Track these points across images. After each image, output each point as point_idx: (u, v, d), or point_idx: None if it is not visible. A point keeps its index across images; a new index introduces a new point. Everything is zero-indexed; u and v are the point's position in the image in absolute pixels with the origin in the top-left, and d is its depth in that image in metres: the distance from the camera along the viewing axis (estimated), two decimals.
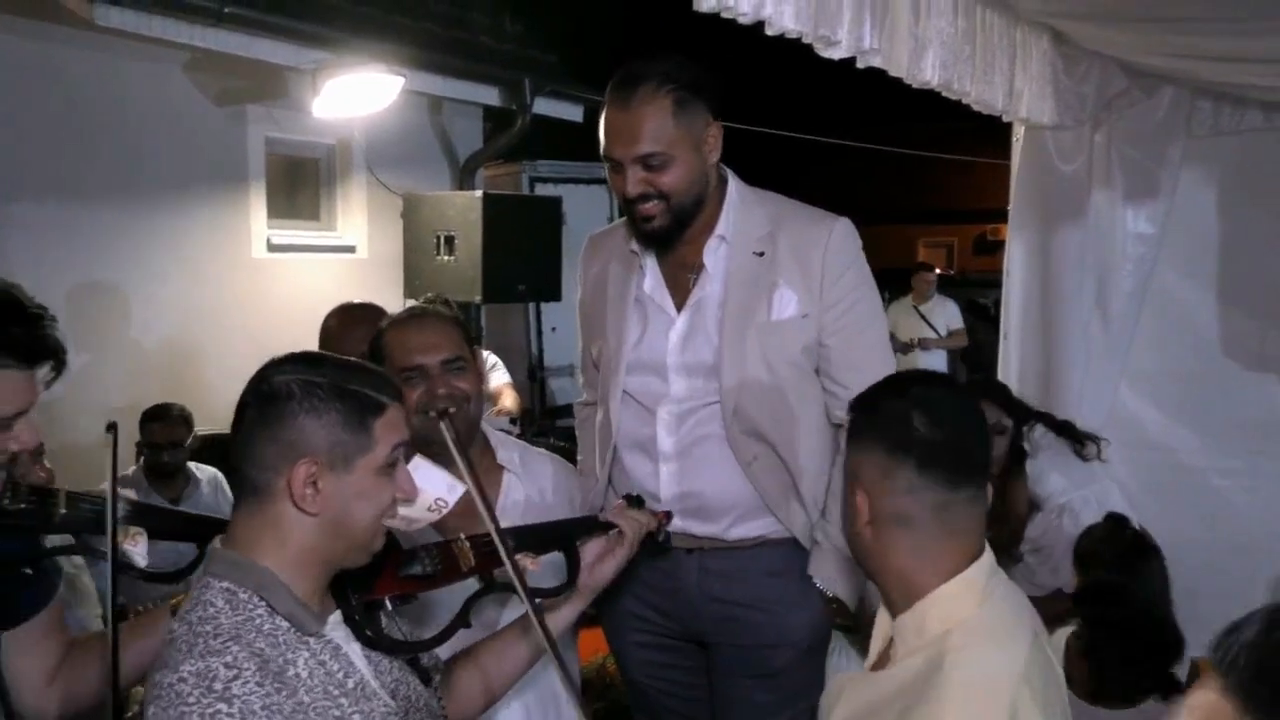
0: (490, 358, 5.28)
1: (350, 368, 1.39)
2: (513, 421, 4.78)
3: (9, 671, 1.60)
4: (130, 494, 1.78)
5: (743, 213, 2.11)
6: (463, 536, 1.62)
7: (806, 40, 2.15)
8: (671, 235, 2.07)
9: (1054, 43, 3.01)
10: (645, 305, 2.15)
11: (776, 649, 2.10)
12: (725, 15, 1.96)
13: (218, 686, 1.20)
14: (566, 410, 6.59)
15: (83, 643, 1.67)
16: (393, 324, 1.97)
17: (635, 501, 1.93)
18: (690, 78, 2.01)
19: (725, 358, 2.05)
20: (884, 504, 1.36)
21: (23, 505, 1.52)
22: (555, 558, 1.74)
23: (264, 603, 1.30)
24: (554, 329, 6.77)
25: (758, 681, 2.12)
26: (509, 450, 2.07)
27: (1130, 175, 3.35)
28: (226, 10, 4.36)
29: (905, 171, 15.19)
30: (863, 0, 2.24)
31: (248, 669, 1.22)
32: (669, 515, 2.03)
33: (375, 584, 1.47)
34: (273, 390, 1.32)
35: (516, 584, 1.49)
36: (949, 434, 1.35)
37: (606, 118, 2.04)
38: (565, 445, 3.76)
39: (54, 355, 1.41)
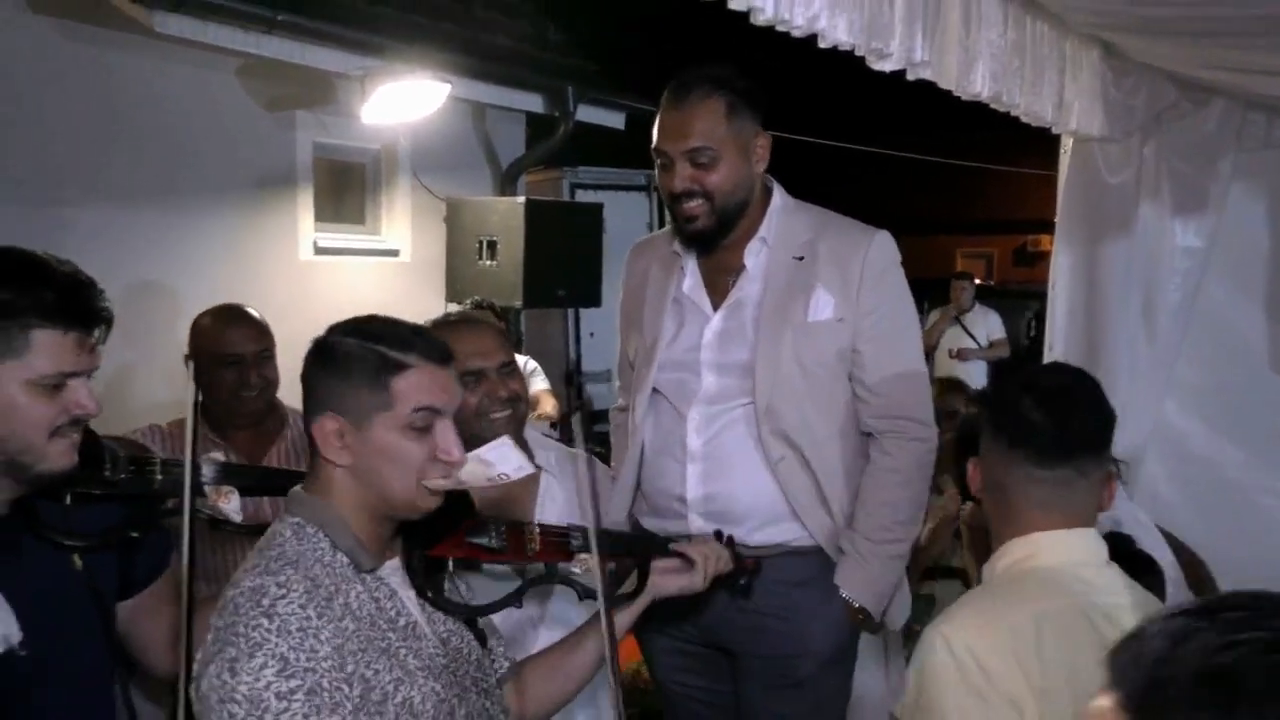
0: (529, 363, 5.33)
1: (386, 330, 1.45)
2: (553, 426, 4.82)
3: (136, 639, 1.68)
4: (219, 455, 1.85)
5: (785, 220, 2.15)
6: (535, 522, 1.69)
7: (860, 53, 2.17)
8: (713, 237, 2.11)
9: (1104, 55, 3.00)
10: (683, 305, 2.19)
11: (801, 659, 2.11)
12: (780, 28, 1.98)
13: (265, 602, 1.30)
14: (603, 416, 6.63)
15: (208, 601, 1.71)
16: (443, 328, 2.01)
17: (726, 541, 1.94)
18: (744, 86, 2.07)
19: (760, 356, 2.08)
20: (987, 474, 1.59)
21: (123, 475, 1.61)
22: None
23: (327, 538, 1.41)
24: (592, 334, 6.81)
25: (782, 692, 2.13)
26: (546, 451, 2.11)
27: (1179, 188, 3.32)
28: (280, 18, 4.44)
29: (944, 182, 15.10)
30: (914, 12, 2.25)
31: (296, 590, 1.32)
32: (758, 566, 2.02)
33: (442, 542, 1.53)
34: (314, 349, 1.45)
35: (597, 583, 1.52)
36: (1042, 417, 1.52)
37: (661, 116, 2.11)
38: (600, 450, 3.78)
39: (90, 320, 1.45)
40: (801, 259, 2.11)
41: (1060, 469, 1.52)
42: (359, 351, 1.41)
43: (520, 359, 5.45)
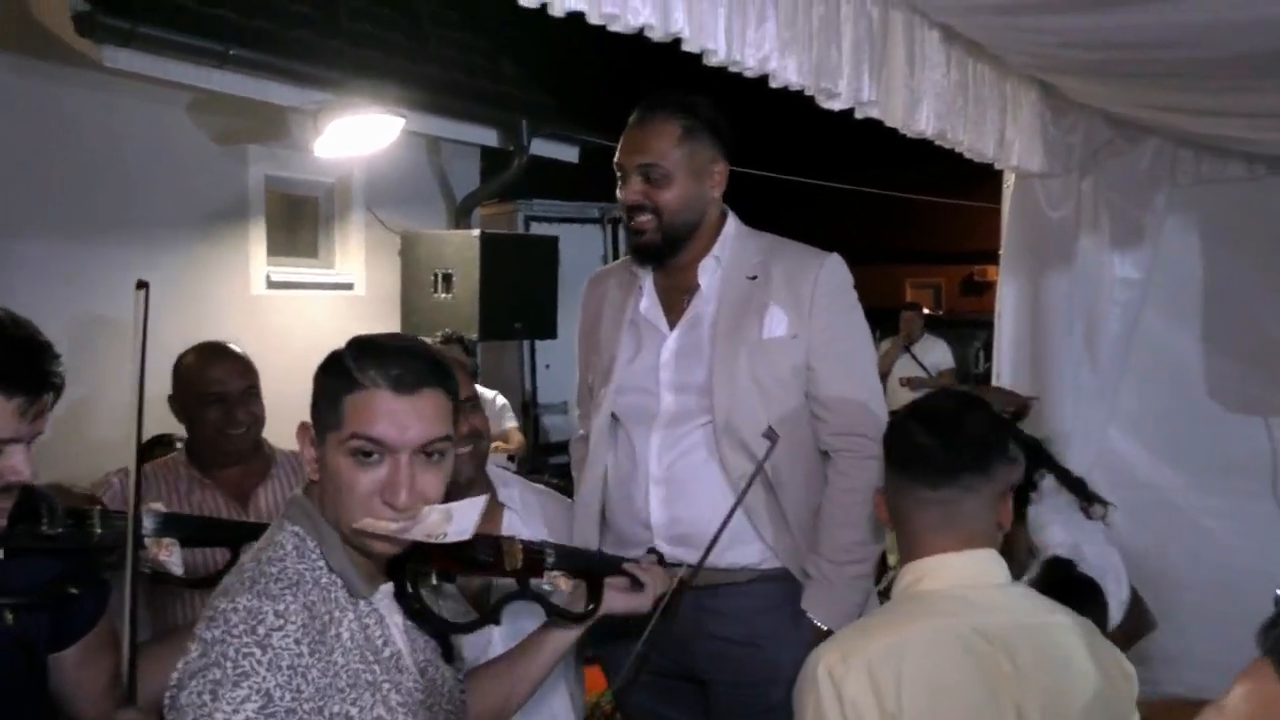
0: (499, 398, 5.33)
1: (375, 345, 1.37)
2: (510, 459, 4.82)
3: (64, 687, 1.63)
4: (159, 506, 1.78)
5: (738, 243, 2.21)
6: (516, 538, 1.68)
7: (809, 93, 2.25)
8: (660, 253, 2.17)
9: (1042, 95, 3.11)
10: (640, 326, 2.22)
11: (772, 685, 2.11)
12: (733, 69, 2.06)
13: (260, 630, 1.25)
14: (560, 447, 6.62)
15: (148, 646, 1.68)
16: None
17: (659, 556, 1.97)
18: (707, 115, 2.14)
19: (716, 373, 2.11)
20: (889, 502, 1.62)
21: (60, 529, 1.56)
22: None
23: (323, 558, 1.36)
24: (548, 366, 6.82)
25: (754, 719, 2.14)
26: (509, 488, 2.12)
27: (1117, 222, 3.45)
28: (232, 52, 4.43)
29: (892, 213, 15.37)
30: (861, 54, 2.34)
31: (293, 624, 1.27)
32: (686, 584, 1.97)
33: (430, 556, 1.48)
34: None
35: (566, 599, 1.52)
36: (927, 440, 1.57)
37: (624, 133, 2.18)
38: (559, 482, 3.79)
39: (37, 387, 1.38)
40: (755, 278, 2.16)
41: (946, 489, 1.55)
42: (336, 362, 1.37)
43: (488, 394, 5.47)
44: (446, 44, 6.04)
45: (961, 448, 1.56)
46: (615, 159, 2.17)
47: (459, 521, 1.36)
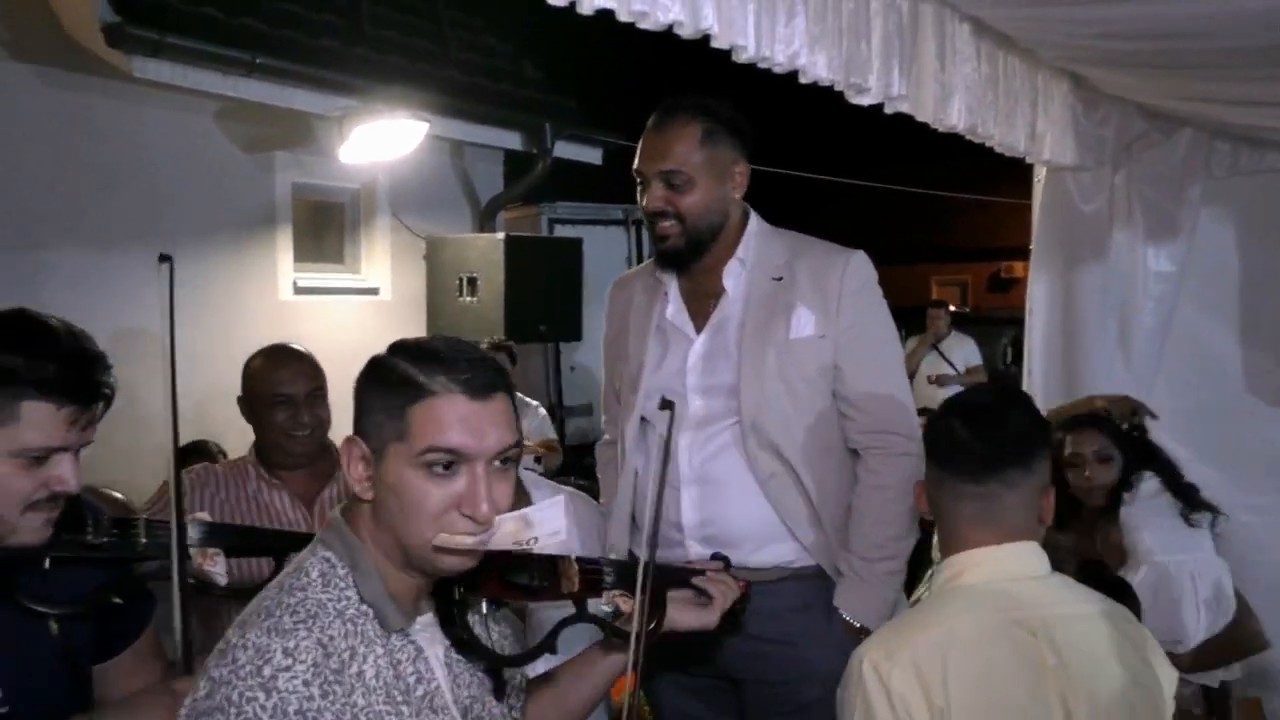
0: (540, 409, 5.33)
1: (432, 350, 1.26)
2: (537, 460, 4.82)
3: (112, 698, 1.61)
4: (204, 516, 1.78)
5: (762, 243, 2.19)
6: (573, 558, 1.56)
7: (839, 88, 2.23)
8: (686, 258, 2.15)
9: (1074, 87, 3.08)
10: (666, 331, 2.21)
11: (806, 683, 2.11)
12: (761, 66, 2.04)
13: (266, 672, 1.15)
14: (586, 449, 6.63)
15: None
16: None
17: (725, 561, 1.88)
18: (726, 116, 2.12)
19: (744, 374, 2.10)
20: (929, 496, 1.63)
21: (105, 538, 1.55)
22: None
23: (355, 587, 1.25)
24: (573, 368, 6.83)
25: (788, 718, 2.13)
26: (541, 491, 2.11)
27: (1150, 215, 3.40)
28: (258, 61, 4.47)
29: (918, 210, 15.27)
30: (891, 48, 2.31)
31: (303, 663, 1.17)
32: (748, 592, 1.90)
33: (479, 584, 1.37)
34: (365, 366, 1.29)
35: (636, 629, 1.44)
36: (967, 435, 1.57)
37: (642, 139, 2.16)
38: (585, 484, 3.79)
39: (88, 396, 1.40)
40: (780, 279, 2.15)
41: (987, 484, 1.55)
42: (390, 370, 1.25)
43: (531, 403, 5.47)
44: (468, 48, 6.06)
45: (1002, 443, 1.56)
46: (635, 166, 2.14)
47: (546, 524, 1.28)
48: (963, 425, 1.58)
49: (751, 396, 2.10)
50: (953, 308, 9.78)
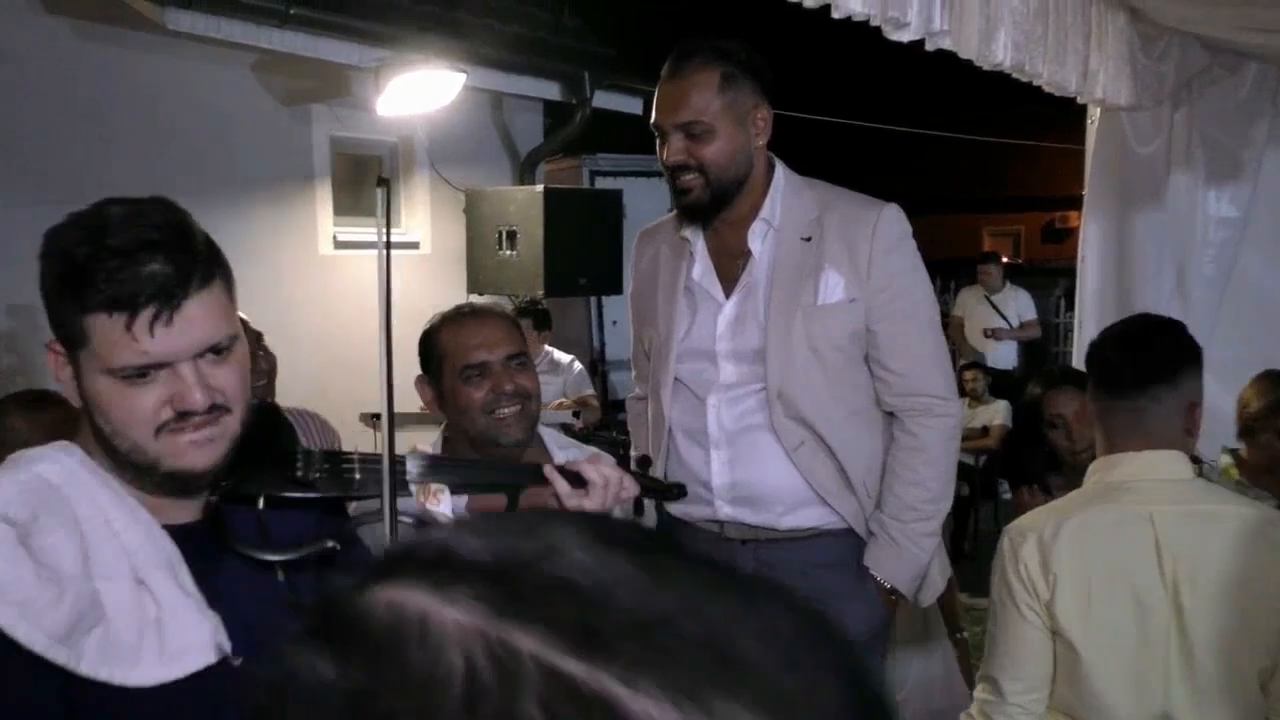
0: (575, 364, 5.29)
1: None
2: (575, 415, 4.80)
3: None
4: (426, 448, 1.58)
5: (790, 198, 2.10)
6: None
7: (875, 23, 2.11)
8: (708, 211, 2.07)
9: (1131, 20, 2.91)
10: (694, 293, 2.15)
11: None
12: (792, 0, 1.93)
13: None
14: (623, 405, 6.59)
15: None
16: (448, 320, 1.93)
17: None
18: (743, 58, 2.02)
19: (771, 342, 2.04)
20: (1090, 410, 1.87)
21: (316, 474, 1.35)
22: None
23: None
24: (614, 322, 6.76)
25: None
26: (566, 452, 2.04)
27: (1212, 156, 3.24)
28: (292, 11, 4.42)
29: (969, 159, 14.92)
30: None
31: None
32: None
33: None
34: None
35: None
36: (1117, 355, 1.80)
37: (658, 89, 2.07)
38: (625, 438, 3.76)
39: (132, 300, 1.11)
40: (809, 239, 2.06)
41: (1135, 399, 1.75)
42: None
43: (565, 359, 5.44)
44: None
45: (1147, 363, 1.76)
46: (653, 119, 2.06)
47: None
48: (1114, 348, 1.82)
49: (778, 366, 2.04)
50: (1005, 259, 9.55)
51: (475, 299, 4.98)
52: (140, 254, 1.10)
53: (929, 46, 2.27)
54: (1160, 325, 1.87)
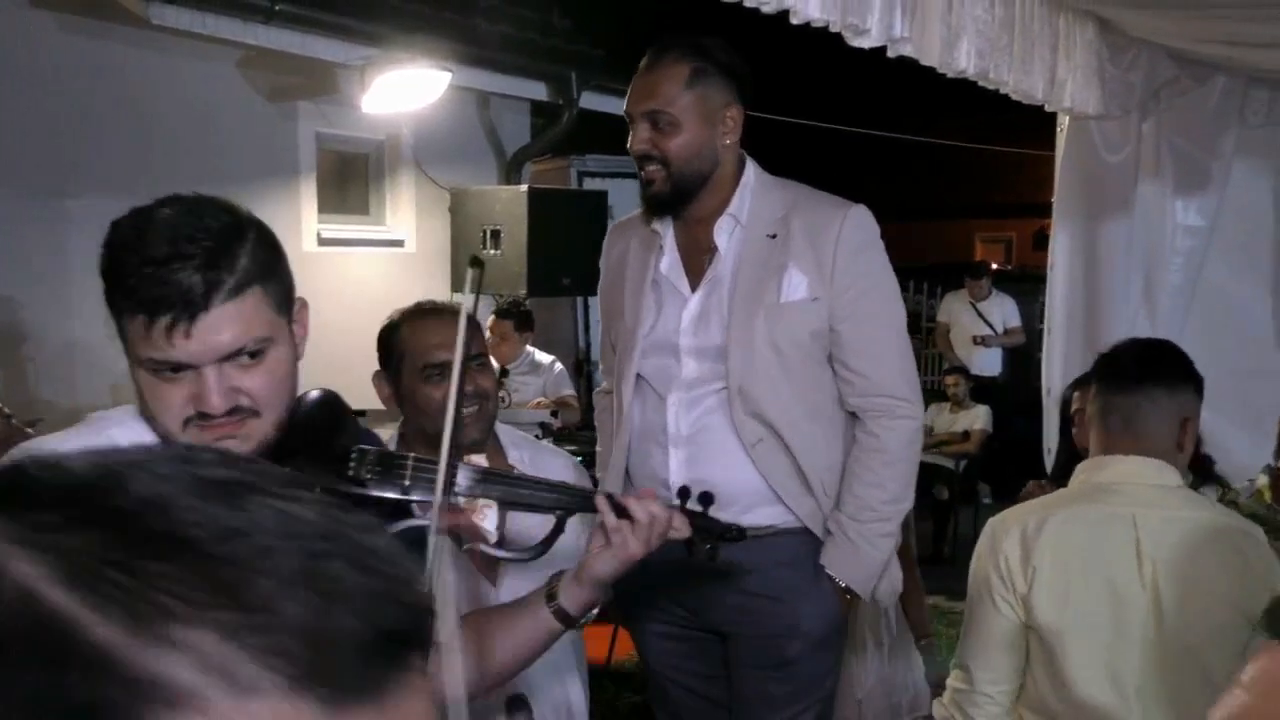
0: (556, 365, 5.31)
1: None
2: (553, 415, 4.81)
3: None
4: (479, 460, 1.52)
5: (759, 196, 2.11)
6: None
7: (834, 29, 2.14)
8: (670, 204, 2.09)
9: (1100, 31, 2.94)
10: (661, 286, 2.16)
11: (790, 639, 2.10)
12: (749, 4, 1.95)
13: None
14: None
15: (476, 618, 1.53)
16: (409, 317, 1.95)
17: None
18: (718, 56, 2.04)
19: (733, 339, 2.05)
20: (1088, 408, 1.93)
21: (368, 474, 1.36)
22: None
23: None
24: (599, 322, 6.79)
25: (772, 672, 2.12)
26: (520, 450, 2.03)
27: (1180, 166, 3.27)
28: (277, 8, 4.44)
29: (962, 166, 14.94)
30: None
31: None
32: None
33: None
34: None
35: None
36: (1124, 352, 1.90)
37: (633, 79, 2.10)
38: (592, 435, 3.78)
39: (161, 305, 1.14)
40: (774, 236, 2.08)
41: (1131, 393, 1.80)
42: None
43: (545, 359, 5.45)
44: None
45: (1149, 362, 1.84)
46: (624, 107, 2.09)
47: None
48: (1122, 350, 1.90)
49: (739, 363, 2.05)
50: (995, 266, 9.57)
51: (459, 298, 4.99)
52: (172, 263, 1.13)
53: (890, 53, 2.30)
54: (1170, 345, 1.96)
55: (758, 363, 2.05)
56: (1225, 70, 3.15)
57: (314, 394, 1.36)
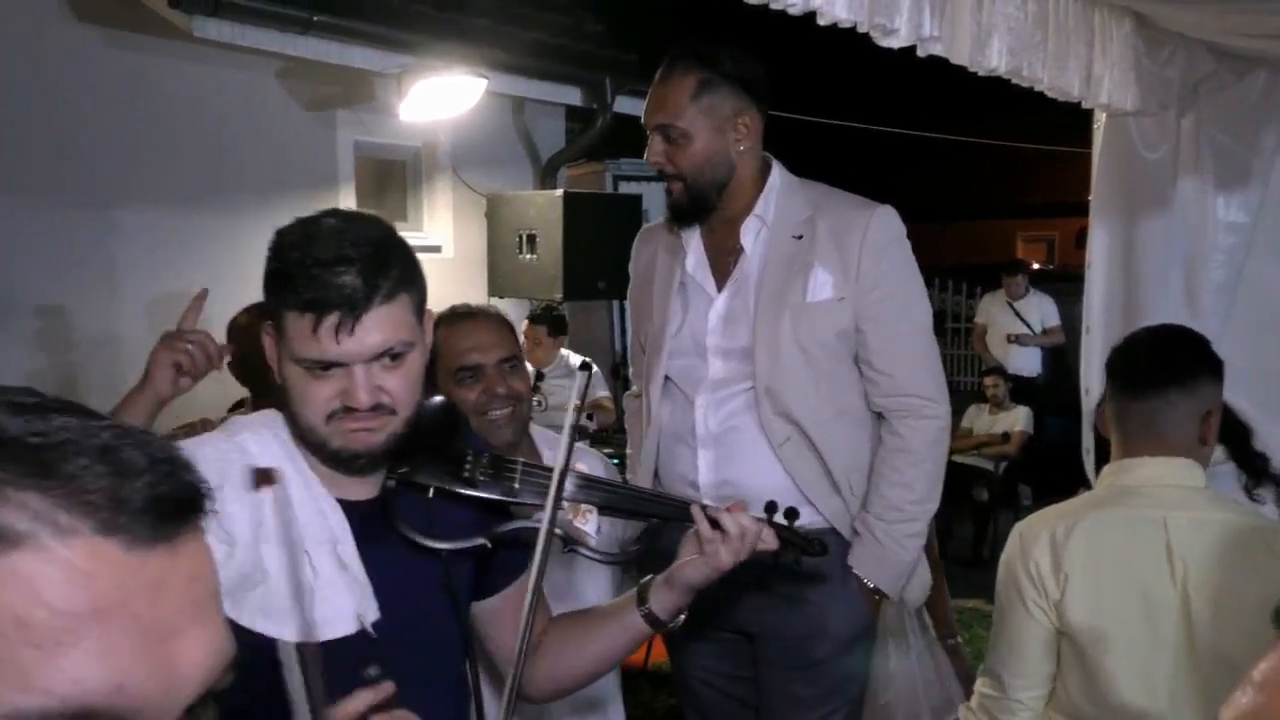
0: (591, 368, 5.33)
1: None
2: (589, 417, 4.83)
3: (491, 642, 1.55)
4: (583, 468, 1.59)
5: (785, 198, 2.12)
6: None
7: (862, 30, 2.13)
8: (690, 213, 2.11)
9: (1137, 26, 2.90)
10: (688, 288, 2.18)
11: (817, 640, 2.11)
12: (774, 7, 1.95)
13: None
14: None
15: (564, 620, 1.59)
16: (442, 321, 1.96)
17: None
18: (725, 66, 2.05)
19: (759, 339, 2.07)
20: (1109, 411, 1.88)
21: (481, 475, 1.46)
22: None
23: None
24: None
25: (799, 674, 2.13)
26: (554, 450, 2.06)
27: (1221, 162, 3.20)
28: (315, 19, 4.51)
29: (1004, 166, 14.78)
30: None
31: None
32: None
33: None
34: None
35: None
36: (1139, 355, 1.84)
37: (649, 92, 2.14)
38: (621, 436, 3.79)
39: (326, 303, 1.27)
40: (800, 238, 2.09)
41: (1150, 399, 1.77)
42: None
43: (577, 361, 5.48)
44: (527, 3, 6.03)
45: (1164, 364, 1.79)
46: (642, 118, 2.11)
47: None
48: (1134, 352, 1.85)
49: (766, 362, 2.06)
50: (1036, 265, 9.46)
51: (495, 302, 5.04)
52: (337, 266, 1.26)
53: (920, 53, 2.28)
54: (1181, 334, 1.90)
55: (784, 362, 2.06)
56: (1266, 65, 3.09)
57: (436, 399, 1.48)
